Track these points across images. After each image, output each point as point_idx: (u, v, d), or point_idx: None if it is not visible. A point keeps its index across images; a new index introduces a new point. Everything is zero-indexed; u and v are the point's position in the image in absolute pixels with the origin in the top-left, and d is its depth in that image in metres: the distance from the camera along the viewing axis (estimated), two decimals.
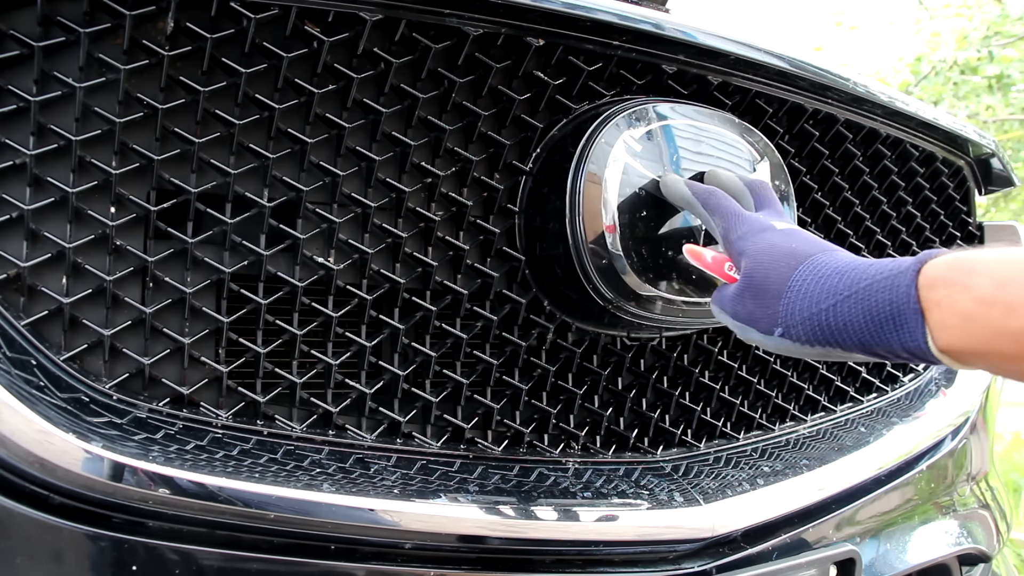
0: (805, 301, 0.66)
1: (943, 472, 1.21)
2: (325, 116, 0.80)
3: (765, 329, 0.69)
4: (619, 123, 0.86)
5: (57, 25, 0.70)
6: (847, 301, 0.63)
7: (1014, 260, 0.55)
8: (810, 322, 0.65)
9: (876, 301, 0.61)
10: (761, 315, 0.69)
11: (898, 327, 0.60)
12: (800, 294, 0.66)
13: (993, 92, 8.00)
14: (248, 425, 0.76)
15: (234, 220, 0.76)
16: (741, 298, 0.71)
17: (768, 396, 1.11)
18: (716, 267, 0.77)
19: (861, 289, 0.62)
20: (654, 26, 0.89)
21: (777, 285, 0.68)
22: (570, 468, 0.90)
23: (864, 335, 0.62)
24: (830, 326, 0.64)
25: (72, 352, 0.70)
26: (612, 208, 0.83)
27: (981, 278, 0.56)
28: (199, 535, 0.66)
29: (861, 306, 0.62)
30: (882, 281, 0.61)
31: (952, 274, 0.58)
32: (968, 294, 0.56)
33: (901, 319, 0.59)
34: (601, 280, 0.84)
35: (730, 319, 0.74)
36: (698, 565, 0.85)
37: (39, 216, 0.70)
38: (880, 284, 0.61)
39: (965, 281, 0.56)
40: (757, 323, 0.70)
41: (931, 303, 0.58)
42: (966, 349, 0.58)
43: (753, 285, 0.70)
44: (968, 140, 1.29)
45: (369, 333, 0.83)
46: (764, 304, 0.69)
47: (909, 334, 0.59)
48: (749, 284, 0.71)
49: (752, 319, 0.70)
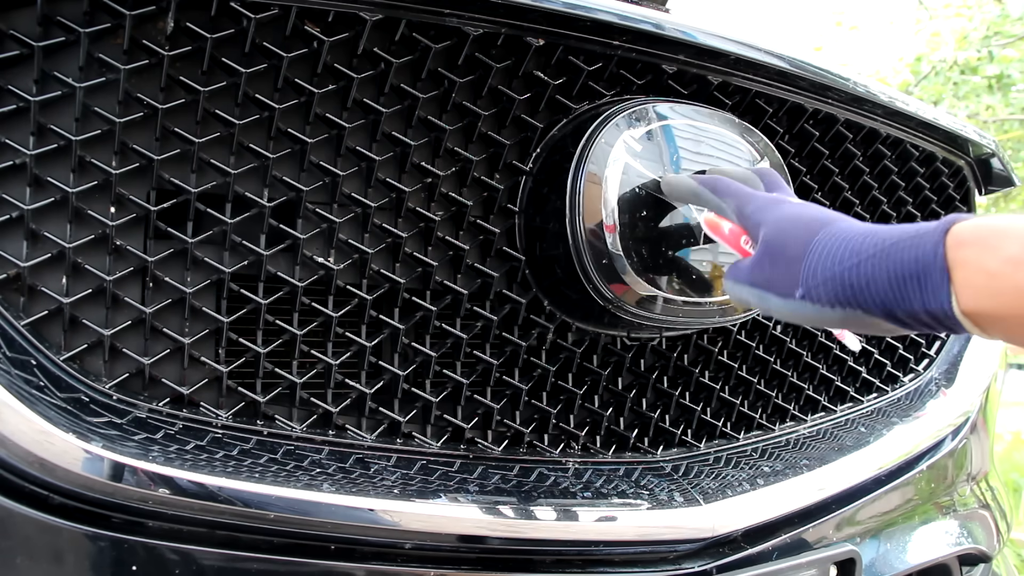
0: (828, 261, 0.64)
1: (943, 472, 1.21)
2: (325, 116, 0.80)
3: (785, 292, 0.67)
4: (619, 123, 0.86)
5: (57, 25, 0.70)
6: (871, 260, 0.62)
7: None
8: (832, 282, 0.64)
9: (902, 259, 0.60)
10: (781, 278, 0.68)
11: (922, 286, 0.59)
12: (822, 255, 0.65)
13: (993, 92, 8.01)
14: (248, 425, 0.76)
15: (234, 220, 0.76)
16: (760, 263, 0.70)
17: (768, 396, 1.11)
18: (732, 240, 0.76)
19: (887, 247, 0.61)
20: (654, 26, 0.89)
21: (798, 248, 0.67)
22: (570, 468, 0.90)
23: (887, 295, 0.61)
24: (853, 286, 0.63)
25: (72, 352, 0.70)
26: (612, 208, 0.83)
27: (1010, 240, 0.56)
28: (199, 535, 0.66)
29: (886, 264, 0.61)
30: (909, 240, 0.60)
31: (981, 234, 0.57)
32: (996, 254, 0.56)
33: (926, 277, 0.59)
34: (601, 280, 0.84)
35: (747, 287, 0.72)
36: (698, 565, 0.85)
37: (39, 216, 0.70)
38: (907, 243, 0.60)
39: (994, 241, 0.56)
40: (777, 287, 0.68)
41: (958, 262, 0.57)
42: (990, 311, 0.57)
43: (773, 250, 0.69)
44: (968, 140, 1.29)
45: (369, 333, 0.83)
46: (784, 267, 0.67)
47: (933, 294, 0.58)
48: (768, 249, 0.70)
49: (771, 283, 0.69)
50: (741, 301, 0.74)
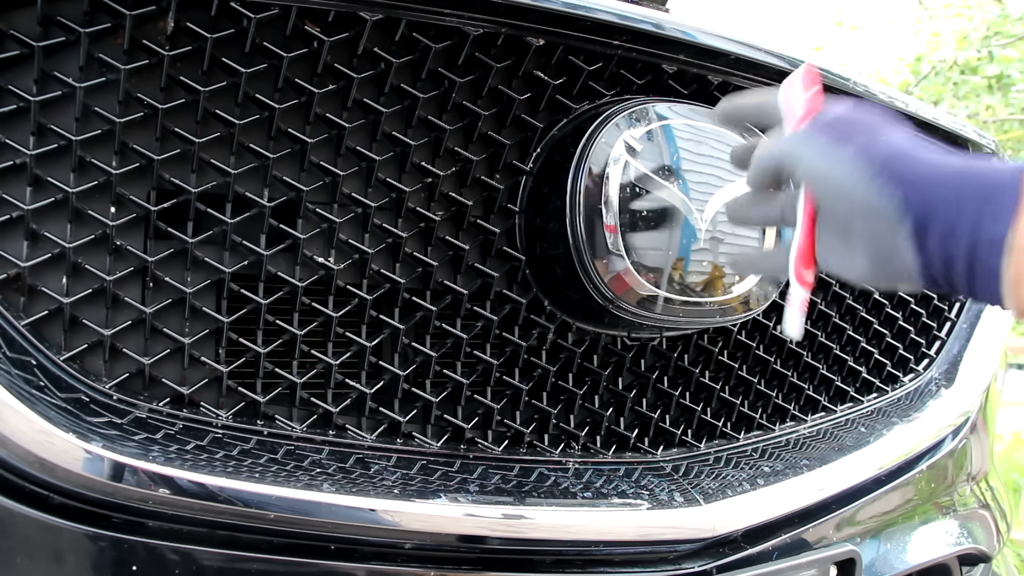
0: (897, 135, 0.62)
1: (943, 472, 1.21)
2: (325, 116, 0.80)
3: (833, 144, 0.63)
4: (619, 123, 0.86)
5: (57, 25, 0.70)
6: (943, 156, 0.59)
7: None
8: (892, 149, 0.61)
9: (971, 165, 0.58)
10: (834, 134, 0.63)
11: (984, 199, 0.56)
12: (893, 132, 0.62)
13: (993, 92, 8.01)
14: (248, 425, 0.76)
15: (234, 220, 0.76)
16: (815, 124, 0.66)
17: (768, 396, 1.11)
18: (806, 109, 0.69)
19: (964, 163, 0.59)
20: (654, 26, 0.89)
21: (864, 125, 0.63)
22: (570, 468, 0.90)
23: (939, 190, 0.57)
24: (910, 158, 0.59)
25: (72, 352, 0.70)
26: (612, 208, 0.83)
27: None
28: (199, 535, 0.66)
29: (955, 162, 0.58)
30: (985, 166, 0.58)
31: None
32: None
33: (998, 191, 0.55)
34: (601, 280, 0.84)
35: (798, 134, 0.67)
36: (698, 565, 0.85)
37: (39, 216, 0.70)
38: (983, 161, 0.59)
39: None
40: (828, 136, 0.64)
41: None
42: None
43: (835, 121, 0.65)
44: (968, 140, 1.29)
45: (369, 333, 0.83)
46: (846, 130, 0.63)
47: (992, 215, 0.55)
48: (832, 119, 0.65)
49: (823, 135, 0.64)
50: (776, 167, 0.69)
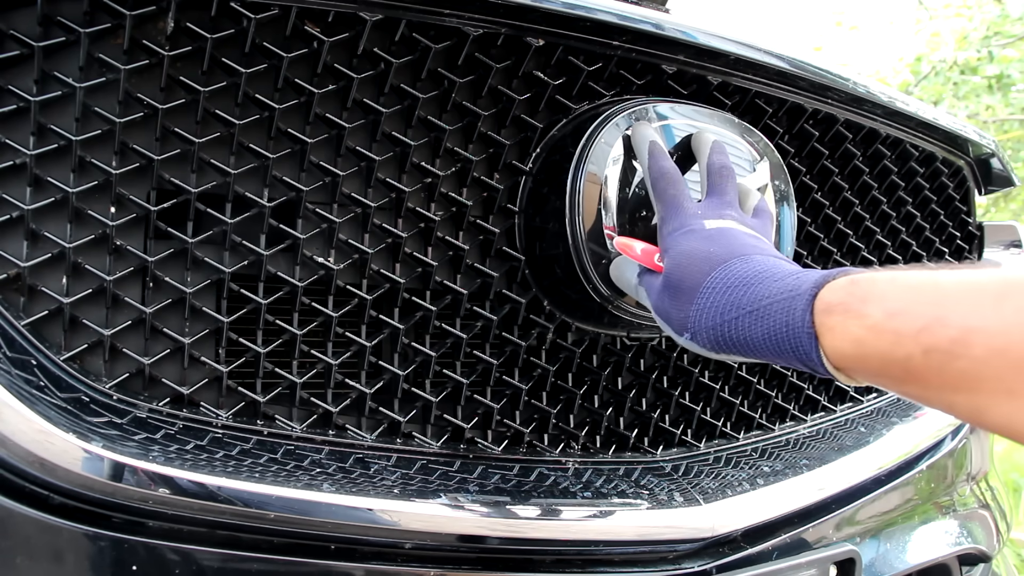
0: (711, 311, 0.68)
1: (943, 472, 1.21)
2: (325, 116, 0.80)
3: (677, 329, 0.71)
4: (619, 123, 0.86)
5: (57, 25, 0.70)
6: (748, 316, 0.65)
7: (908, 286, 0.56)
8: (714, 332, 0.67)
9: (774, 321, 0.63)
10: (675, 315, 0.71)
11: (795, 347, 0.62)
12: (707, 303, 0.68)
13: (993, 92, 8.00)
14: (248, 425, 0.76)
15: (234, 220, 0.76)
16: (662, 295, 0.73)
17: (768, 396, 1.11)
18: (646, 258, 0.78)
19: (762, 307, 0.64)
20: (654, 26, 0.89)
21: (690, 289, 0.70)
22: (570, 468, 0.90)
23: (764, 349, 0.64)
24: (732, 339, 0.66)
25: (72, 352, 0.70)
26: (612, 208, 0.83)
27: (873, 306, 0.57)
28: (199, 535, 0.66)
29: (761, 323, 0.64)
30: (781, 302, 0.63)
31: (847, 300, 0.59)
32: (860, 321, 0.57)
33: (797, 340, 0.61)
34: (601, 280, 0.84)
35: (653, 311, 0.76)
36: (698, 565, 0.85)
37: (39, 216, 0.70)
38: (779, 305, 0.63)
39: (858, 308, 0.58)
40: (671, 322, 0.72)
41: (825, 328, 0.60)
42: (859, 371, 0.60)
43: (671, 285, 0.72)
44: (968, 140, 1.29)
45: (369, 333, 0.84)
46: (678, 306, 0.71)
47: (805, 354, 0.61)
48: (667, 284, 0.73)
49: (667, 317, 0.72)
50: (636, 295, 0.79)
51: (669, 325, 0.73)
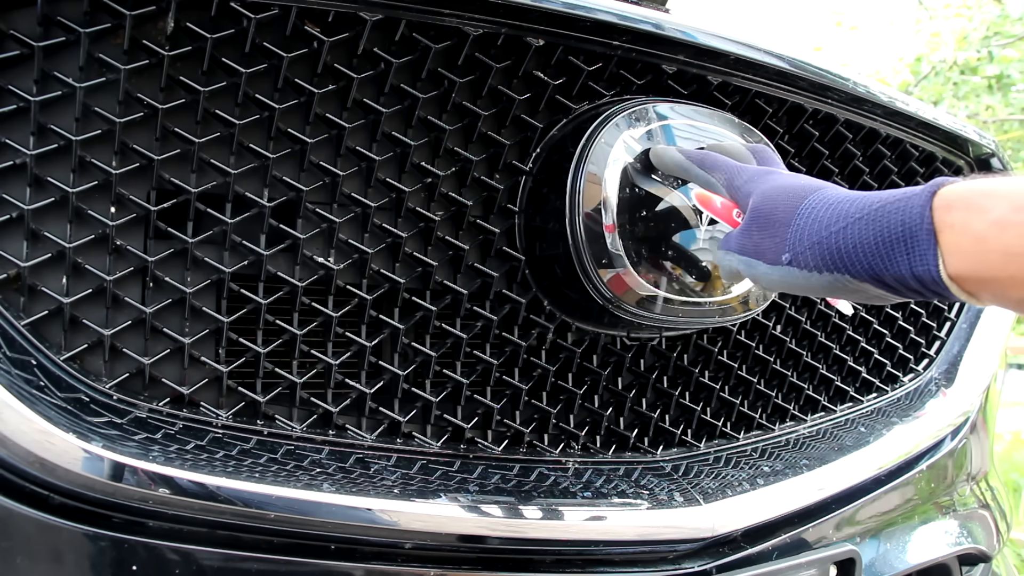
0: (815, 226, 0.64)
1: (943, 472, 1.21)
2: (325, 116, 0.80)
3: (772, 259, 0.67)
4: (619, 123, 0.86)
5: (57, 25, 0.70)
6: (858, 223, 0.61)
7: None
8: (819, 246, 0.63)
9: (889, 222, 0.59)
10: (768, 245, 0.67)
11: (909, 249, 0.58)
12: (810, 219, 0.64)
13: (993, 92, 8.00)
14: (248, 425, 0.76)
15: (234, 220, 0.76)
16: (748, 231, 0.70)
17: (768, 396, 1.11)
18: (724, 213, 0.76)
19: (873, 211, 0.61)
20: (654, 26, 0.89)
21: (785, 213, 0.66)
22: (570, 468, 0.90)
23: (874, 259, 0.60)
24: (840, 249, 0.62)
25: (72, 352, 0.70)
26: (612, 208, 0.83)
27: (998, 200, 0.55)
28: (199, 535, 0.66)
29: (873, 227, 0.60)
30: (895, 203, 0.60)
31: (969, 196, 0.56)
32: (983, 216, 0.55)
33: (913, 241, 0.58)
34: (601, 280, 0.84)
35: (736, 255, 0.71)
36: (698, 565, 0.85)
37: (39, 216, 0.70)
38: (893, 206, 0.60)
39: (981, 203, 0.55)
40: (764, 254, 0.67)
41: (945, 224, 0.57)
42: (977, 274, 0.56)
43: (761, 216, 0.68)
44: (968, 140, 1.29)
45: (369, 333, 0.84)
46: (772, 233, 0.67)
47: (920, 257, 0.58)
48: (756, 216, 0.69)
49: (759, 250, 0.68)
50: (730, 271, 0.73)
51: (762, 259, 0.68)
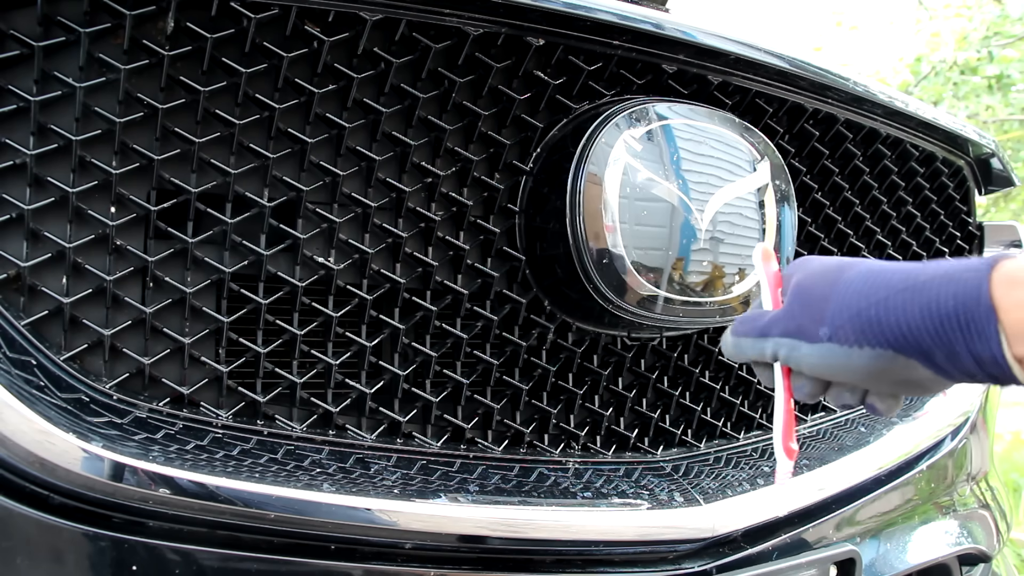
0: (854, 297, 0.60)
1: (943, 472, 1.21)
2: (325, 116, 0.80)
3: (812, 336, 0.62)
4: (619, 123, 0.86)
5: (57, 25, 0.70)
6: (902, 294, 0.57)
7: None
8: (859, 317, 0.59)
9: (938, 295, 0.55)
10: (808, 321, 0.63)
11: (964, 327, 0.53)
12: (849, 290, 0.61)
13: (993, 92, 8.00)
14: (248, 425, 0.76)
15: (234, 220, 0.76)
16: (790, 311, 0.65)
17: (769, 396, 1.11)
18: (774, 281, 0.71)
19: (920, 283, 0.56)
20: (654, 26, 0.89)
21: (824, 288, 0.62)
22: (570, 468, 0.90)
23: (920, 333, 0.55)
24: (881, 320, 0.57)
25: (72, 352, 0.70)
26: (612, 208, 0.83)
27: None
28: (199, 535, 0.66)
29: (919, 300, 0.56)
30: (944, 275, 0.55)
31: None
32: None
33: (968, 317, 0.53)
34: (601, 280, 0.84)
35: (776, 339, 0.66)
36: (698, 565, 0.85)
37: (39, 216, 0.70)
38: (942, 278, 0.55)
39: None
40: (805, 331, 0.63)
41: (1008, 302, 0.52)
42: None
43: (803, 292, 0.64)
44: (968, 140, 1.29)
45: (369, 333, 0.83)
46: (812, 306, 0.63)
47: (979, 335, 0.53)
48: (799, 292, 0.65)
49: (800, 329, 0.64)
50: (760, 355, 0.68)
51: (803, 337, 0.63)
